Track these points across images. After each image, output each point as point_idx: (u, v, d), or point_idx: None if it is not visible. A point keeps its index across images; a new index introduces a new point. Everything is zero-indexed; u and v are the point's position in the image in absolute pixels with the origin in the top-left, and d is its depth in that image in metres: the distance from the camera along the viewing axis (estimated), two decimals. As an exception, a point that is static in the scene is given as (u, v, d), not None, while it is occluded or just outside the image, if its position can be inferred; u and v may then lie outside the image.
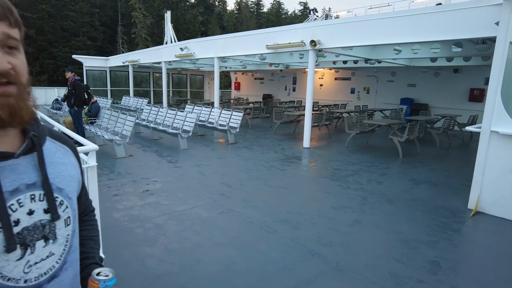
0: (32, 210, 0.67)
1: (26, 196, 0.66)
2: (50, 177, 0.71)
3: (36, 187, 0.68)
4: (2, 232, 0.62)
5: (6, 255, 0.63)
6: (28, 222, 0.66)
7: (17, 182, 0.65)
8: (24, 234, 0.66)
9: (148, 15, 42.11)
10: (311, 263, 3.12)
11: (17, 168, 0.66)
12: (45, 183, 0.70)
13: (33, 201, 0.68)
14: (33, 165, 0.69)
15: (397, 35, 7.24)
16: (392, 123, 9.30)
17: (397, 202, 4.85)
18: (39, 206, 0.69)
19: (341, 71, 17.25)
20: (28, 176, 0.68)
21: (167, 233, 3.65)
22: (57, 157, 0.76)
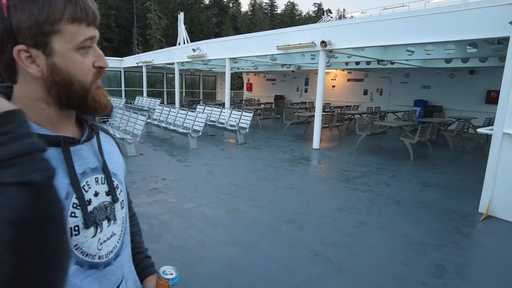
0: (97, 192, 0.73)
1: (92, 179, 0.72)
2: (107, 163, 0.77)
3: (98, 171, 0.74)
4: (80, 209, 0.67)
5: (85, 231, 0.68)
6: (96, 202, 0.72)
7: (84, 166, 0.71)
8: (95, 213, 0.71)
9: (163, 17, 42.70)
10: (313, 263, 3.11)
11: (82, 153, 0.72)
12: (105, 168, 0.76)
13: (97, 184, 0.73)
14: (93, 151, 0.75)
15: (409, 35, 7.13)
16: (404, 124, 9.17)
17: (405, 204, 4.78)
18: (102, 188, 0.74)
19: (353, 72, 17.10)
20: (91, 161, 0.74)
21: (172, 230, 3.70)
22: (107, 145, 0.82)
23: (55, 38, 0.61)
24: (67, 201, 0.66)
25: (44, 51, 0.61)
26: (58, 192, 0.60)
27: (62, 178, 0.65)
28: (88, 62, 0.67)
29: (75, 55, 0.64)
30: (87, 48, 0.66)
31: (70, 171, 0.67)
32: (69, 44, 0.63)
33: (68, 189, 0.66)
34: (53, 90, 0.65)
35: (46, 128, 0.66)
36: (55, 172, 0.52)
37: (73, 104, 0.68)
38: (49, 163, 0.52)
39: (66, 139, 0.67)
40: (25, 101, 0.65)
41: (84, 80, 0.66)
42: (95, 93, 0.69)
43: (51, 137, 0.65)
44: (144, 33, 42.40)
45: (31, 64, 0.62)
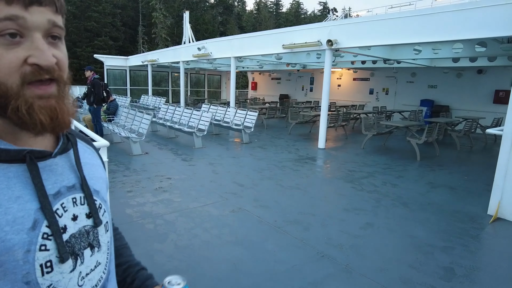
0: (75, 215, 0.60)
1: (68, 200, 0.59)
2: (86, 179, 0.65)
3: (76, 190, 0.62)
4: (53, 239, 0.54)
5: (60, 267, 0.56)
6: (74, 228, 0.59)
7: (58, 184, 0.59)
8: (73, 242, 0.58)
9: (168, 16, 42.80)
10: (319, 265, 3.07)
11: (55, 169, 0.59)
12: (84, 185, 0.63)
13: (75, 205, 0.61)
14: (69, 166, 0.63)
15: (416, 34, 7.05)
16: (410, 124, 9.08)
17: (412, 205, 4.72)
18: (81, 210, 0.62)
19: (359, 71, 16.99)
20: (67, 177, 0.61)
21: (177, 230, 3.68)
22: (86, 157, 0.70)
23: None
24: (34, 232, 0.52)
25: None
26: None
27: (27, 202, 0.53)
28: (12, 57, 0.49)
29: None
30: (8, 36, 0.49)
31: (39, 192, 0.54)
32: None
33: (36, 215, 0.53)
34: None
35: (6, 140, 0.54)
36: None
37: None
38: None
39: (32, 153, 0.55)
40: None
41: (3, 82, 0.49)
42: (25, 102, 0.51)
43: (12, 151, 0.53)
44: (150, 32, 42.54)
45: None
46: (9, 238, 0.49)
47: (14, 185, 0.52)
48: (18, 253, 0.50)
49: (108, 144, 2.64)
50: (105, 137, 8.43)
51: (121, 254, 0.86)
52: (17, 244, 0.50)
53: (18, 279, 0.50)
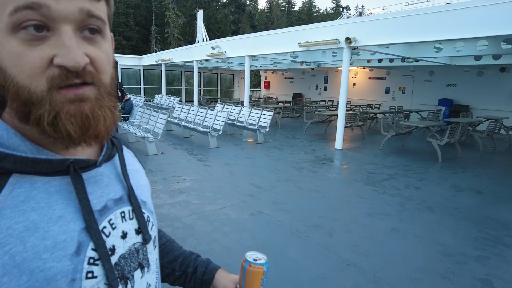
0: (125, 232, 0.52)
1: (116, 215, 0.52)
2: (133, 188, 0.57)
3: (123, 202, 0.54)
4: (101, 264, 0.47)
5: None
6: (124, 248, 0.52)
7: (104, 197, 0.51)
8: (122, 264, 0.51)
9: (181, 15, 42.99)
10: (346, 274, 2.93)
11: (101, 180, 0.52)
12: (132, 196, 0.55)
13: (124, 221, 0.53)
14: (115, 175, 0.55)
15: (438, 31, 6.80)
16: (431, 125, 8.80)
17: (438, 210, 4.52)
18: (131, 226, 0.54)
19: (375, 70, 16.66)
20: (113, 188, 0.53)
21: (196, 234, 3.58)
22: (130, 163, 0.61)
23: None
24: (79, 257, 0.45)
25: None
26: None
27: (70, 222, 0.45)
28: (35, 56, 0.40)
29: (10, 40, 0.39)
30: (32, 29, 0.39)
31: (84, 209, 0.46)
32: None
33: (80, 237, 0.45)
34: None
35: (50, 149, 0.46)
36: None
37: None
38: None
39: (77, 163, 0.47)
40: (11, 105, 0.43)
41: (26, 86, 0.40)
42: (51, 111, 0.41)
43: (54, 162, 0.45)
44: (162, 31, 42.81)
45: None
46: (49, 267, 0.42)
47: (56, 202, 0.45)
48: (61, 283, 0.42)
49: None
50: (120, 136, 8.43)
51: (172, 249, 0.82)
52: (59, 273, 0.42)
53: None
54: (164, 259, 0.80)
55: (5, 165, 0.41)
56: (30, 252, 0.40)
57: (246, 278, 0.72)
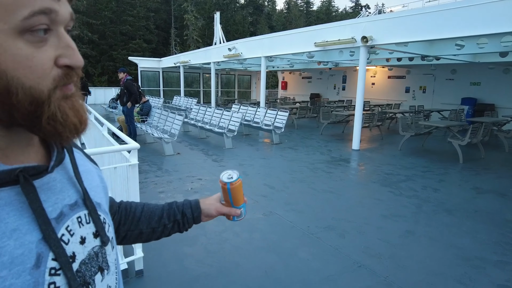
0: (83, 237, 0.51)
1: (73, 221, 0.50)
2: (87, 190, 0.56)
3: (79, 207, 0.52)
4: (62, 274, 0.45)
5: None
6: (83, 253, 0.51)
7: (59, 204, 0.49)
8: (83, 271, 0.50)
9: (200, 17, 43.49)
10: (356, 276, 2.88)
11: (54, 186, 0.50)
12: (87, 199, 0.54)
13: (81, 226, 0.52)
14: (67, 179, 0.53)
15: (459, 28, 6.58)
16: (452, 124, 8.52)
17: (456, 212, 4.37)
18: (88, 230, 0.53)
19: (394, 69, 16.28)
20: (67, 194, 0.52)
21: (207, 233, 3.62)
22: (81, 164, 0.59)
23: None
24: (39, 270, 0.42)
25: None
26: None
27: (26, 234, 0.42)
28: (43, 57, 0.41)
29: (16, 43, 0.39)
30: (41, 33, 0.41)
31: (40, 219, 0.44)
32: (3, 22, 0.38)
33: (38, 249, 0.43)
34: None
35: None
36: None
37: (18, 124, 0.43)
38: None
39: (26, 171, 0.44)
40: None
41: (34, 86, 0.41)
42: (58, 107, 0.43)
43: (3, 173, 0.42)
44: (181, 34, 43.44)
45: None
46: (9, 285, 0.39)
47: (7, 215, 0.42)
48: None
49: (139, 146, 2.61)
50: (139, 137, 8.64)
51: (153, 211, 0.86)
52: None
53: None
54: (152, 221, 0.85)
55: None
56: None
57: (232, 195, 0.85)
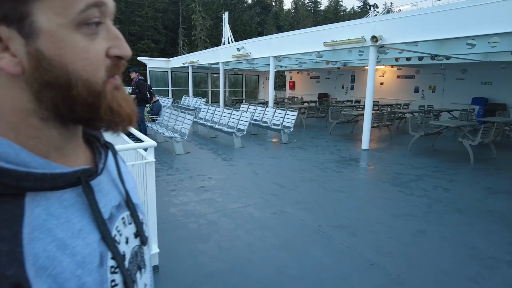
0: (127, 237, 0.53)
1: (119, 222, 0.52)
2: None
3: (122, 208, 0.53)
4: (119, 272, 0.47)
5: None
6: (129, 253, 0.52)
7: (109, 205, 0.50)
8: (131, 269, 0.51)
9: (207, 18, 43.69)
10: (369, 274, 2.90)
11: (103, 188, 0.51)
12: (129, 201, 0.55)
13: (125, 226, 0.53)
14: (111, 180, 0.54)
15: (471, 26, 6.53)
16: (462, 124, 8.46)
17: (468, 212, 4.35)
18: (130, 230, 0.54)
19: (404, 68, 16.17)
20: (112, 195, 0.53)
21: (220, 231, 3.67)
22: (122, 166, 0.60)
23: (39, 6, 0.37)
24: (103, 268, 0.44)
25: (21, 29, 0.37)
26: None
27: (89, 234, 0.44)
28: (98, 49, 0.42)
29: (75, 36, 0.40)
30: (94, 26, 0.41)
31: (99, 220, 0.46)
32: (62, 16, 0.38)
33: (100, 248, 0.45)
34: (45, 96, 0.41)
35: (52, 159, 0.43)
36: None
37: (79, 119, 0.44)
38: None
39: (85, 173, 0.45)
40: (8, 119, 0.40)
41: (91, 78, 0.42)
42: (113, 98, 0.44)
43: (69, 175, 0.43)
44: (189, 34, 43.71)
45: (2, 52, 0.38)
46: (84, 283, 0.41)
47: (73, 216, 0.43)
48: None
49: (156, 144, 2.67)
50: (149, 136, 8.71)
51: None
52: (92, 286, 0.42)
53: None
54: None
55: (24, 185, 0.38)
56: (67, 272, 0.40)
57: None
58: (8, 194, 0.37)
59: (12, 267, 0.34)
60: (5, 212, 0.36)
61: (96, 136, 0.55)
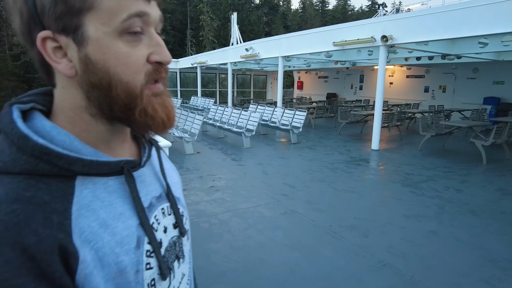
0: (165, 226, 0.57)
1: (159, 212, 0.56)
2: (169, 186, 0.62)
3: (162, 199, 0.58)
4: (155, 256, 0.51)
5: (161, 284, 0.53)
6: (167, 241, 0.56)
7: (149, 195, 0.55)
8: (167, 256, 0.55)
9: (215, 18, 43.83)
10: (381, 274, 2.89)
11: (145, 179, 0.56)
12: (169, 194, 0.60)
13: (164, 216, 0.57)
14: (153, 173, 0.60)
15: (483, 25, 6.44)
16: (474, 124, 8.35)
17: (481, 213, 4.30)
18: (169, 221, 0.58)
19: (413, 68, 16.01)
20: (154, 187, 0.58)
21: (231, 230, 3.70)
22: (164, 162, 0.65)
23: (89, 17, 0.43)
24: (139, 251, 0.49)
25: (75, 38, 0.43)
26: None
27: (129, 219, 0.49)
28: (138, 55, 0.46)
29: (117, 43, 0.45)
30: (136, 34, 0.46)
31: (138, 206, 0.51)
32: (107, 26, 0.44)
33: (138, 232, 0.49)
34: (93, 96, 0.46)
35: (101, 150, 0.50)
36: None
37: (117, 117, 0.49)
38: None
39: (128, 164, 0.51)
40: (67, 113, 0.48)
41: (130, 81, 0.46)
42: (149, 102, 0.48)
43: (113, 164, 0.48)
44: (197, 35, 43.88)
45: (61, 58, 0.44)
46: (121, 260, 0.46)
47: (115, 201, 0.49)
48: (130, 274, 0.47)
49: (170, 144, 2.71)
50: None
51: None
52: (128, 265, 0.47)
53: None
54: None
55: (74, 168, 0.44)
56: (107, 248, 0.45)
57: None
58: (62, 175, 0.44)
59: (61, 233, 0.41)
60: (59, 189, 0.43)
61: (143, 133, 0.60)
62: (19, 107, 0.47)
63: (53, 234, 0.40)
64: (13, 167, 0.42)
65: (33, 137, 0.43)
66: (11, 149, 0.43)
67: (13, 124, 0.44)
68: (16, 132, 0.43)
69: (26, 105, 0.48)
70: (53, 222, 0.41)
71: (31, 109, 0.48)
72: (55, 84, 0.48)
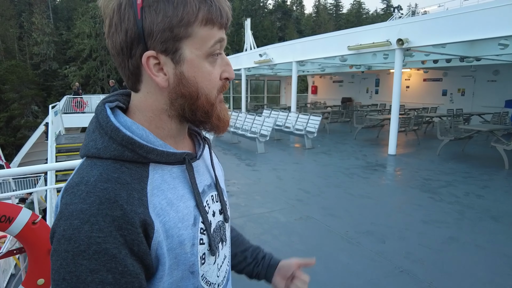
0: (214, 211, 0.67)
1: (209, 198, 0.67)
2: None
3: (212, 188, 0.69)
4: (206, 234, 0.61)
5: (209, 259, 0.62)
6: (214, 224, 0.66)
7: (202, 183, 0.66)
8: (214, 237, 0.65)
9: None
10: (399, 280, 2.84)
11: (199, 170, 0.67)
12: (217, 184, 0.71)
13: (213, 202, 0.68)
14: (205, 166, 0.71)
15: (504, 26, 6.30)
16: (496, 128, 8.11)
17: (504, 220, 4.17)
18: (216, 207, 0.69)
19: (430, 71, 15.71)
20: (206, 177, 0.69)
21: (246, 235, 3.65)
22: (214, 157, 0.77)
23: (186, 43, 0.54)
24: (195, 227, 0.59)
25: (173, 58, 0.55)
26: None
27: (188, 200, 0.60)
28: (216, 73, 0.58)
29: (204, 63, 0.57)
30: (216, 56, 0.58)
31: (195, 191, 0.61)
32: (199, 50, 0.55)
33: (195, 212, 0.60)
34: (177, 102, 0.58)
35: (168, 143, 0.61)
36: None
37: (196, 120, 0.61)
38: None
39: (188, 155, 0.62)
40: (146, 113, 0.59)
41: (210, 93, 0.58)
42: (220, 109, 0.61)
43: (177, 154, 0.59)
44: (212, 41, 44.40)
45: (159, 72, 0.55)
46: (181, 234, 0.56)
47: (178, 185, 0.59)
48: (187, 246, 0.57)
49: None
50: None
51: (243, 241, 0.97)
52: (186, 238, 0.57)
53: (186, 269, 0.58)
54: (238, 249, 0.94)
55: (150, 156, 0.56)
56: (171, 222, 0.55)
57: None
58: (140, 162, 0.56)
59: (140, 208, 0.51)
60: (137, 173, 0.55)
61: (198, 131, 0.73)
62: (108, 105, 0.58)
63: (134, 209, 0.50)
64: (105, 153, 0.53)
65: (122, 129, 0.54)
66: (103, 138, 0.54)
67: (108, 119, 0.55)
68: (110, 125, 0.54)
69: (112, 103, 0.59)
70: (134, 198, 0.51)
71: (115, 106, 0.59)
72: (138, 90, 0.58)
